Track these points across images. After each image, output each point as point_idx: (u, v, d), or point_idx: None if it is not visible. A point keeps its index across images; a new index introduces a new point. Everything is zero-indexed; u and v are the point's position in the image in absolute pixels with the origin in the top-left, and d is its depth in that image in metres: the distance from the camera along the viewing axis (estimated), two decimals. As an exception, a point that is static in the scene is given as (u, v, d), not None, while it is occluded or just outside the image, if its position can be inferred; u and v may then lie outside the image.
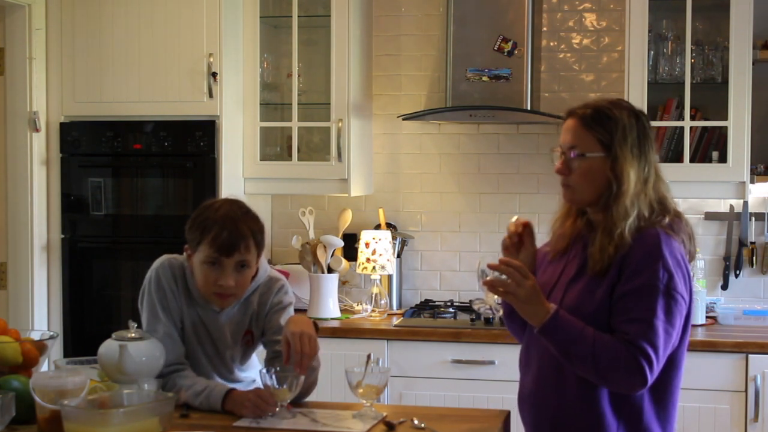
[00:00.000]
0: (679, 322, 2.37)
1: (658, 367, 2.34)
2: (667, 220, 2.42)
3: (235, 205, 2.80)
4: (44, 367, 2.80)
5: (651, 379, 2.34)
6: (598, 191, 2.43)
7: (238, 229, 2.72)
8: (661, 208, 2.45)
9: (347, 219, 4.53)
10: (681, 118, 4.19)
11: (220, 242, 2.70)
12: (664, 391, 2.43)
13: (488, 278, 2.43)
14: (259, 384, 2.76)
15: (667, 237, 2.38)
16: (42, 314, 4.39)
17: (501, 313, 2.65)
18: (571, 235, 2.54)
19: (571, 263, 2.50)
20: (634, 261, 2.36)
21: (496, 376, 3.99)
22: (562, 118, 2.53)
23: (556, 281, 2.52)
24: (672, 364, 2.43)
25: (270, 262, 4.79)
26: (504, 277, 2.39)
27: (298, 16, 4.42)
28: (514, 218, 2.58)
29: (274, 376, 2.58)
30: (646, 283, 2.34)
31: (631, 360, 2.31)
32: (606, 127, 2.42)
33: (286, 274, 4.52)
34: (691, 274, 2.42)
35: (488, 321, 4.13)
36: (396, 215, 4.72)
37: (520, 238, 2.58)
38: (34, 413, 2.40)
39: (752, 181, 4.17)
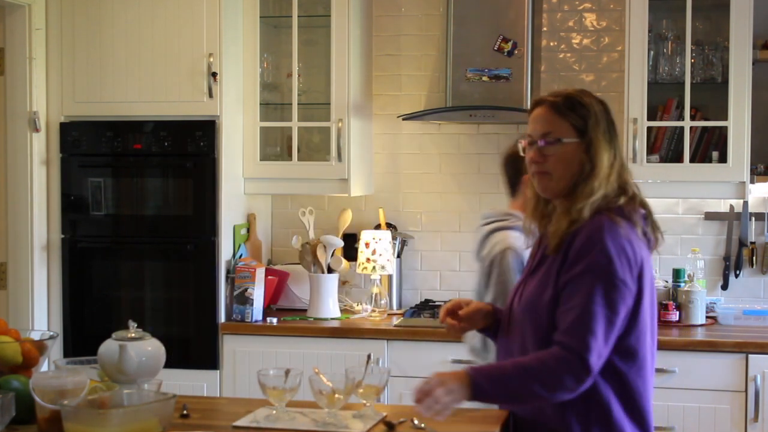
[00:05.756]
0: (622, 309, 2.34)
1: (602, 351, 2.31)
2: (621, 201, 2.41)
3: None
4: (44, 367, 2.80)
5: (597, 364, 2.31)
6: (574, 176, 2.44)
7: None
8: (620, 192, 2.44)
9: (347, 219, 4.52)
10: (681, 118, 4.19)
11: None
12: (629, 389, 2.41)
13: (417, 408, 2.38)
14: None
15: (610, 223, 2.37)
16: (42, 314, 4.39)
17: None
18: (535, 214, 2.56)
19: (534, 258, 2.54)
20: (575, 250, 2.37)
21: (496, 376, 3.98)
22: (529, 109, 2.54)
23: (524, 278, 2.57)
24: (629, 358, 2.39)
25: (270, 262, 4.79)
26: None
27: (298, 16, 4.42)
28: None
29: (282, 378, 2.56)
30: (584, 270, 2.34)
31: (569, 358, 2.30)
32: (579, 113, 2.45)
33: (286, 275, 4.55)
34: (641, 260, 2.38)
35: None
36: (396, 215, 4.72)
37: (456, 317, 2.61)
38: (34, 413, 2.40)
39: (752, 181, 4.17)
